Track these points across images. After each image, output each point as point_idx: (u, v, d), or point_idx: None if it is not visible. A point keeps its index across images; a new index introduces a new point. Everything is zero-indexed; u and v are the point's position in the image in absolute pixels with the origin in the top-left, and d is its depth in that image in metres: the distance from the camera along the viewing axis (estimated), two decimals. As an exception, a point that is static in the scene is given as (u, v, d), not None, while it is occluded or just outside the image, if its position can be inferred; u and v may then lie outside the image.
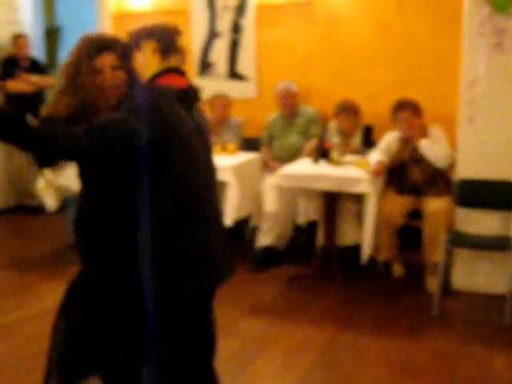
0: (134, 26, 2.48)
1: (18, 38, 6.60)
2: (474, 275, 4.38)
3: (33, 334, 3.86)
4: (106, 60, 2.39)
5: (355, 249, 4.71)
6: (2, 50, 6.66)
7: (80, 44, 2.42)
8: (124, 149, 2.19)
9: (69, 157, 2.32)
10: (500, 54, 4.10)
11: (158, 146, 2.20)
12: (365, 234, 4.43)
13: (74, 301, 2.57)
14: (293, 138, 5.32)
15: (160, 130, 2.20)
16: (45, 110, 2.39)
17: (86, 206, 2.50)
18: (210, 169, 2.48)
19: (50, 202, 5.25)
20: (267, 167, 5.31)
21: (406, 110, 4.51)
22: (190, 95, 2.42)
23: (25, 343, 3.73)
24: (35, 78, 6.50)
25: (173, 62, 2.39)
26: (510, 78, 4.12)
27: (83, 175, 2.46)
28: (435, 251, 4.26)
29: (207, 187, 2.43)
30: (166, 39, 2.40)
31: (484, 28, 4.10)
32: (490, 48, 4.11)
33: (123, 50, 2.42)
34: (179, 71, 2.42)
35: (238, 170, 4.77)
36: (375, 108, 5.16)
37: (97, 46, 2.39)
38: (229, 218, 4.69)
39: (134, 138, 2.16)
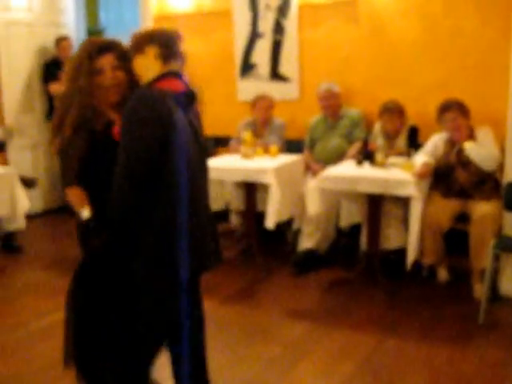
0: (177, 27, 2.63)
1: (62, 41, 6.66)
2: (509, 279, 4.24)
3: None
4: (106, 60, 2.51)
5: (399, 253, 4.60)
6: (46, 53, 6.74)
7: (81, 47, 2.60)
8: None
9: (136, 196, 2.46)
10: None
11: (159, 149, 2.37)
12: (410, 238, 4.32)
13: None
14: (335, 141, 5.24)
15: (161, 133, 2.35)
16: (54, 120, 2.54)
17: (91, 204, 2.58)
18: (202, 170, 2.66)
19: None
20: (309, 169, 5.24)
21: (453, 110, 4.39)
22: (187, 98, 2.53)
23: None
24: (78, 80, 6.54)
25: (173, 66, 2.52)
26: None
27: (88, 173, 2.55)
28: (482, 256, 4.14)
29: (199, 186, 2.59)
30: (169, 45, 2.52)
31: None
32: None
33: (123, 52, 2.55)
34: (179, 75, 2.54)
35: (279, 171, 4.71)
36: (421, 109, 5.05)
37: (97, 47, 2.54)
38: (270, 220, 4.63)
39: (150, 152, 2.35)
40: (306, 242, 4.91)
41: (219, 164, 4.97)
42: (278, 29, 5.83)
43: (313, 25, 5.68)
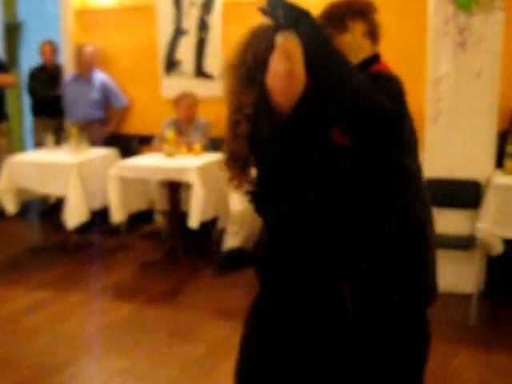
0: (99, 22, 2.15)
1: (-23, 35, 6.39)
2: (439, 275, 4.33)
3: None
4: None
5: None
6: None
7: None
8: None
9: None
10: (463, 53, 4.08)
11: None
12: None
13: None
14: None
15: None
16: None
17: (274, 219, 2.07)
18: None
19: (10, 205, 5.10)
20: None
21: None
22: None
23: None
24: (-6, 76, 6.29)
25: (378, 46, 2.14)
26: (473, 77, 4.10)
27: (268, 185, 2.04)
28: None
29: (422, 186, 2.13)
30: (373, 19, 2.13)
31: (448, 27, 4.07)
32: (454, 47, 4.08)
33: None
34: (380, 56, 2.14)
35: (203, 170, 4.68)
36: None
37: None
38: (194, 220, 4.60)
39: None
40: (231, 241, 4.89)
41: (142, 163, 4.93)
42: (203, 26, 5.79)
43: (237, 22, 5.64)
